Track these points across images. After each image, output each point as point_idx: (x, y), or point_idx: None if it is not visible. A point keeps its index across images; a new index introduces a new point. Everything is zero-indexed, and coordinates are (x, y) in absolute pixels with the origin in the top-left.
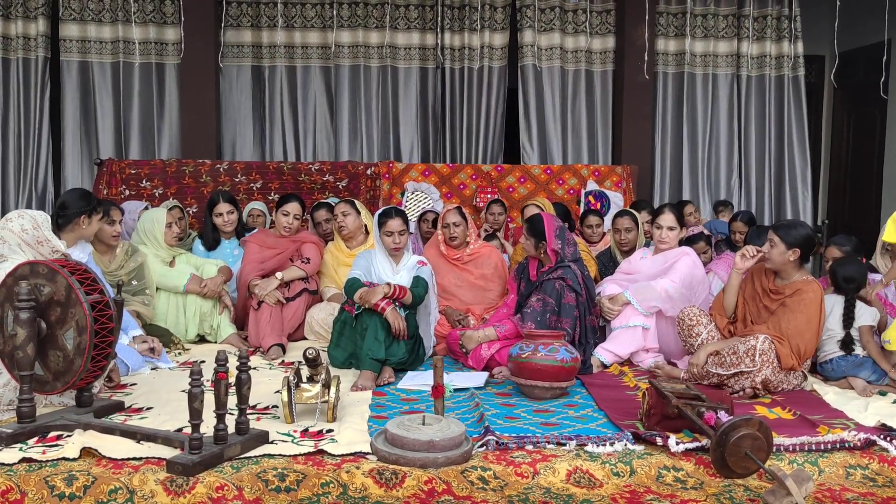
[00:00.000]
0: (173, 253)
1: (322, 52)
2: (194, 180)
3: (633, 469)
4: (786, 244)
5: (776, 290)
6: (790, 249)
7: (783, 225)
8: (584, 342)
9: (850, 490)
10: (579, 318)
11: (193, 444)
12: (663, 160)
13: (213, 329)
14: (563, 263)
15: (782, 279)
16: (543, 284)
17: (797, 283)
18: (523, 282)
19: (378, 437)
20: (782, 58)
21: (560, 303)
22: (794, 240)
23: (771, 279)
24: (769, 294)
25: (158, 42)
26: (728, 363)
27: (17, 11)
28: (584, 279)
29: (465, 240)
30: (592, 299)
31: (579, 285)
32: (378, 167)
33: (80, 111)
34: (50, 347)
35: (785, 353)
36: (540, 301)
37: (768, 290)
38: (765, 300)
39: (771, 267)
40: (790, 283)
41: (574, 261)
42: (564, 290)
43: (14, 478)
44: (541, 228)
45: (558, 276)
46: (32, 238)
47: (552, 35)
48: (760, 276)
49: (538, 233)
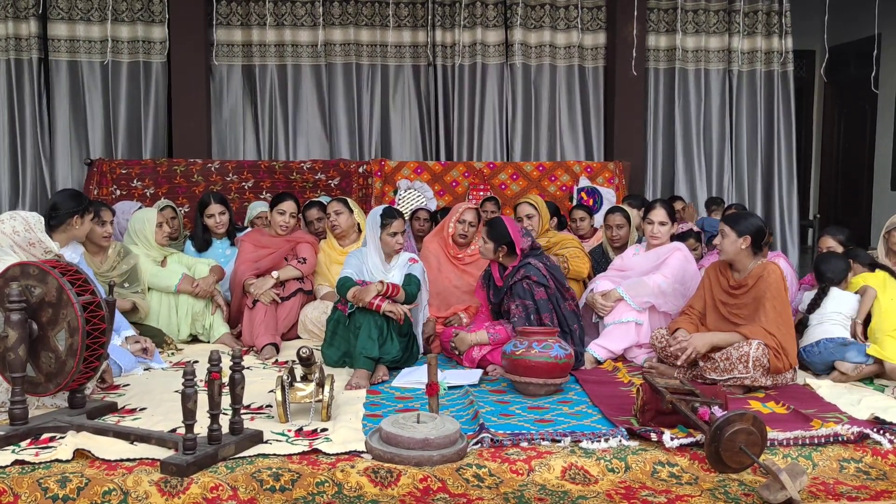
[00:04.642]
0: (164, 253)
1: (313, 50)
2: (185, 180)
3: (627, 465)
4: (736, 232)
5: (737, 284)
6: (741, 237)
7: (732, 216)
8: (567, 329)
9: (843, 483)
10: (554, 308)
11: (187, 444)
12: (655, 156)
13: (206, 329)
14: (522, 262)
15: (739, 272)
16: (512, 289)
17: (756, 269)
18: (491, 290)
19: (373, 436)
20: (772, 53)
21: (534, 300)
22: (744, 228)
23: (729, 276)
24: (732, 292)
25: (146, 41)
26: (721, 368)
27: (7, 12)
28: (548, 269)
29: (471, 240)
30: (563, 284)
31: (545, 277)
32: (370, 165)
33: (71, 111)
34: (42, 349)
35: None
36: (520, 307)
37: (730, 287)
38: (730, 299)
39: (725, 258)
40: (750, 273)
41: (532, 254)
42: (533, 287)
43: (7, 480)
44: (503, 231)
45: (522, 277)
46: (24, 240)
47: (542, 32)
48: (718, 277)
49: (501, 236)
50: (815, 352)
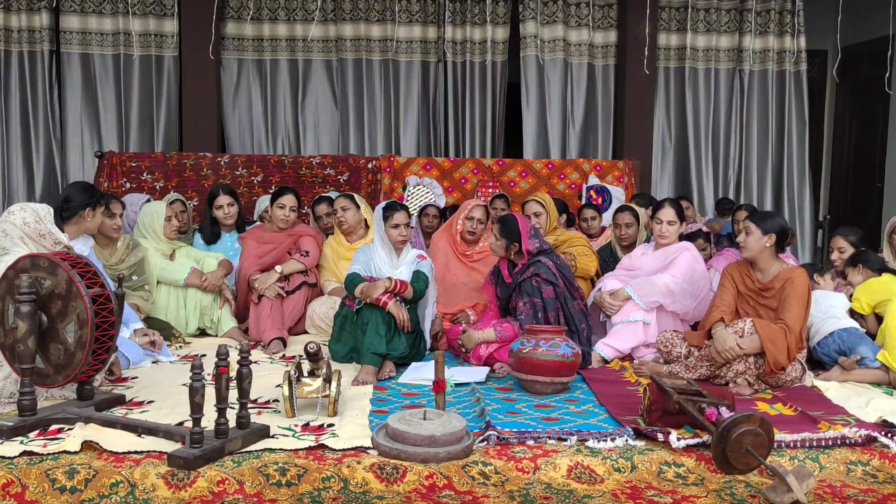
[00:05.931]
0: (173, 246)
1: (324, 45)
2: (195, 173)
3: (633, 465)
4: (761, 230)
5: (765, 286)
6: (765, 235)
7: (758, 214)
8: (575, 329)
9: (850, 486)
10: (562, 306)
11: (194, 437)
12: (664, 155)
13: (214, 323)
14: (532, 260)
15: (762, 272)
16: (521, 286)
17: (783, 273)
18: (499, 286)
19: (379, 432)
20: (784, 53)
21: (542, 298)
22: (769, 226)
23: (753, 276)
24: (761, 294)
25: (158, 34)
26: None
27: (20, 4)
28: (558, 268)
29: (480, 238)
30: (573, 284)
31: (554, 276)
32: (379, 161)
33: (83, 103)
34: (51, 341)
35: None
36: (528, 304)
37: (757, 290)
38: (759, 300)
39: (748, 256)
40: (777, 276)
41: (542, 252)
42: (542, 285)
43: (15, 471)
44: (515, 229)
45: (532, 274)
46: (34, 231)
47: (555, 27)
48: (743, 277)
49: (512, 233)
50: (829, 343)
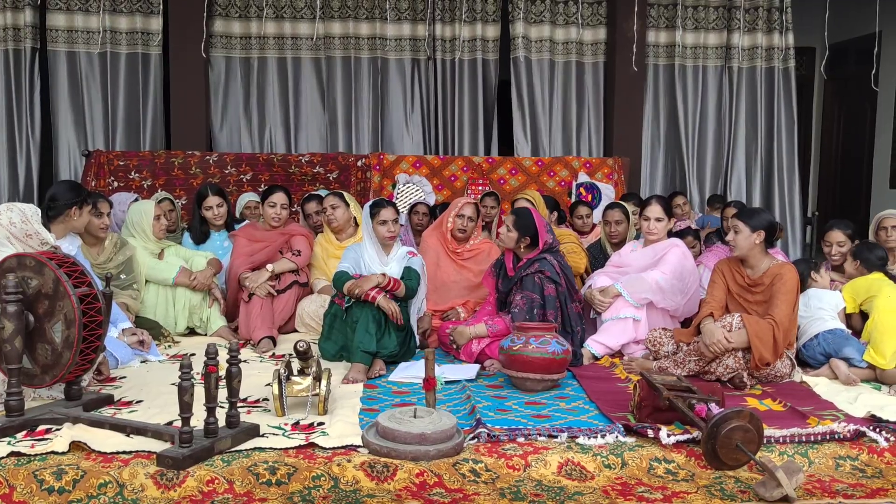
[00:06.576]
0: (162, 245)
1: (312, 43)
2: (183, 172)
3: (624, 461)
4: (749, 228)
5: (754, 282)
6: (755, 232)
7: (745, 211)
8: (570, 330)
9: (839, 481)
10: (561, 307)
11: (183, 437)
12: (654, 152)
13: (203, 322)
14: (539, 256)
15: (752, 268)
16: (523, 280)
17: (773, 269)
18: (500, 279)
19: (369, 430)
20: (773, 49)
21: (543, 295)
22: (757, 223)
23: (743, 273)
24: (750, 290)
25: (144, 32)
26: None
27: (4, 2)
28: (562, 268)
29: (470, 235)
30: (573, 286)
31: (557, 275)
32: (369, 159)
33: (70, 102)
34: (38, 340)
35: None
36: (524, 299)
37: (746, 285)
38: (746, 294)
39: (738, 254)
40: (767, 272)
41: (549, 250)
42: (544, 283)
43: (2, 472)
44: (530, 223)
45: (536, 270)
46: (21, 231)
47: (542, 27)
48: (733, 273)
49: (525, 226)
50: (814, 345)
